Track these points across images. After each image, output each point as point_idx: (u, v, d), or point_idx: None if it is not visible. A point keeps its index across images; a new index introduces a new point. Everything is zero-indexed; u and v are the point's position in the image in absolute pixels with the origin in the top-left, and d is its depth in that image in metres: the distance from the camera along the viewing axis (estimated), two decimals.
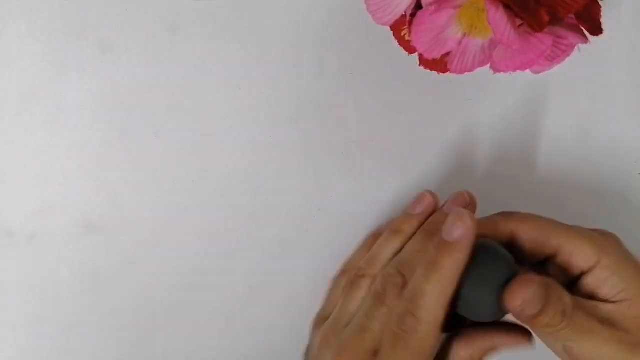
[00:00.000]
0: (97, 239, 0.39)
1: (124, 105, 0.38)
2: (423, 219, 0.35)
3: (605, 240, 0.33)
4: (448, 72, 0.33)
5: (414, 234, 0.35)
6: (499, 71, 0.32)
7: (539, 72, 0.34)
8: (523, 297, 0.29)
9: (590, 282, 0.32)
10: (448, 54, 0.32)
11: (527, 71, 0.32)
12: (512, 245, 0.33)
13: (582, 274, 0.32)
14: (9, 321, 0.39)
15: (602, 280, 0.31)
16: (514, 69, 0.32)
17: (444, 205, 0.37)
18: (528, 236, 0.33)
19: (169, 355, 0.40)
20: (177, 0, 0.37)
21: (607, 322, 0.30)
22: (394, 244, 0.35)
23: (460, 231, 0.30)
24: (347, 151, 0.39)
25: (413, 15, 0.30)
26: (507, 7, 0.28)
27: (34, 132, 0.38)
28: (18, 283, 0.39)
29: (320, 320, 0.37)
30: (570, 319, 0.30)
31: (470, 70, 0.33)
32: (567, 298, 0.30)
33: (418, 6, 0.30)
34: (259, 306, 0.40)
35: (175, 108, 0.38)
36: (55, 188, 0.38)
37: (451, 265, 0.30)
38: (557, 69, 0.33)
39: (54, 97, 0.38)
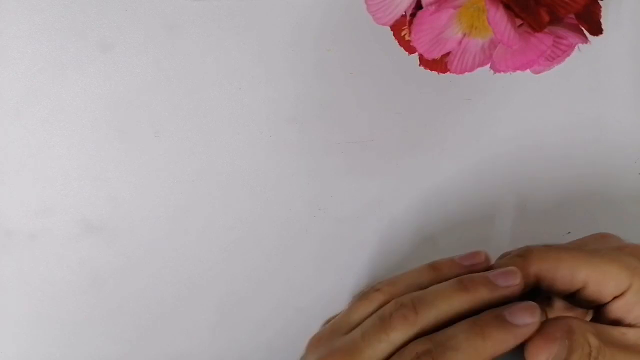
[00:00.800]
0: (97, 239, 0.39)
1: (124, 105, 0.38)
2: (466, 272, 0.33)
3: (634, 259, 0.31)
4: (448, 72, 0.33)
5: (449, 278, 0.32)
6: (499, 71, 0.32)
7: (539, 72, 0.34)
8: (546, 356, 0.29)
9: (620, 305, 0.31)
10: (448, 54, 0.32)
11: (527, 71, 0.32)
12: (539, 286, 0.32)
13: (614, 298, 0.31)
14: (9, 321, 0.39)
15: (632, 303, 0.30)
16: (514, 69, 0.32)
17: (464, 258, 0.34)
18: (553, 276, 0.31)
19: (168, 355, 0.40)
20: (177, 0, 0.37)
21: (638, 350, 0.30)
22: (426, 277, 0.33)
23: (528, 321, 0.29)
24: (347, 151, 0.39)
25: (413, 15, 0.30)
26: (507, 7, 0.28)
27: (34, 132, 0.38)
28: (18, 283, 0.39)
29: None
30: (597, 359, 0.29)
31: (470, 70, 0.32)
32: (592, 339, 0.29)
33: (418, 6, 0.30)
34: (258, 306, 0.40)
35: (175, 108, 0.38)
36: (55, 188, 0.38)
37: (497, 345, 0.29)
38: (557, 69, 0.33)
39: (54, 97, 0.38)
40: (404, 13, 0.31)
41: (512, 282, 0.31)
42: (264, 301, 0.40)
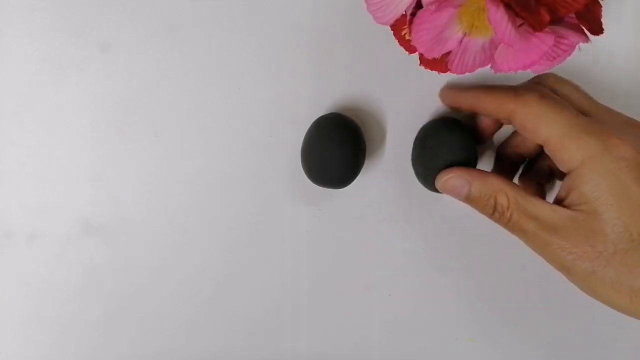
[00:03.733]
0: (97, 239, 0.39)
1: (124, 105, 0.38)
2: None
3: (598, 143, 0.30)
4: (448, 72, 0.33)
5: None
6: (500, 71, 0.32)
7: (539, 72, 0.34)
8: (442, 182, 0.34)
9: (566, 183, 0.31)
10: (448, 53, 0.32)
11: (528, 70, 0.32)
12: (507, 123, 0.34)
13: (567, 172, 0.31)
14: (9, 321, 0.39)
15: (574, 186, 0.31)
16: (516, 69, 0.31)
17: None
18: (522, 122, 0.32)
19: (168, 355, 0.40)
20: (177, 0, 0.37)
21: (552, 228, 0.31)
22: None
23: None
24: None
25: (413, 14, 0.30)
26: (508, 6, 0.28)
27: (34, 132, 0.38)
28: (18, 283, 0.39)
29: None
30: (504, 217, 0.32)
31: (470, 71, 0.32)
32: (503, 198, 0.32)
33: (418, 5, 0.30)
34: (258, 306, 0.40)
35: (175, 108, 0.38)
36: (55, 188, 0.38)
37: None
38: (557, 68, 0.33)
39: (54, 96, 0.38)
40: (404, 12, 0.31)
41: None
42: (264, 301, 0.40)
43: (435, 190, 0.36)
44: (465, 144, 0.35)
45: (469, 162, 0.35)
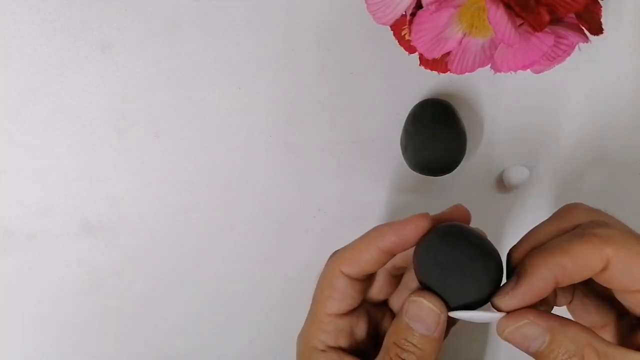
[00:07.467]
0: (97, 239, 0.39)
1: (124, 105, 0.38)
2: None
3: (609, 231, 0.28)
4: (448, 72, 0.33)
5: None
6: (500, 71, 0.32)
7: (539, 72, 0.34)
8: (511, 329, 0.27)
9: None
10: (448, 53, 0.32)
11: (528, 70, 0.32)
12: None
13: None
14: (8, 321, 0.39)
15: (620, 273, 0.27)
16: (516, 69, 0.32)
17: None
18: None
19: (168, 355, 0.40)
20: (177, 0, 0.37)
21: None
22: None
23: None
24: (347, 151, 0.39)
25: (413, 14, 0.30)
26: (508, 6, 0.28)
27: (34, 132, 0.38)
28: (18, 283, 0.39)
29: None
30: None
31: (470, 71, 0.32)
32: (591, 355, 0.26)
33: (418, 6, 0.30)
34: (258, 306, 0.40)
35: (175, 108, 0.38)
36: (55, 188, 0.38)
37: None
38: (557, 68, 0.33)
39: (54, 97, 0.38)
40: (404, 12, 0.31)
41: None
42: (264, 301, 0.40)
43: (423, 172, 0.37)
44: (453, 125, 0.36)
45: (459, 145, 0.36)
